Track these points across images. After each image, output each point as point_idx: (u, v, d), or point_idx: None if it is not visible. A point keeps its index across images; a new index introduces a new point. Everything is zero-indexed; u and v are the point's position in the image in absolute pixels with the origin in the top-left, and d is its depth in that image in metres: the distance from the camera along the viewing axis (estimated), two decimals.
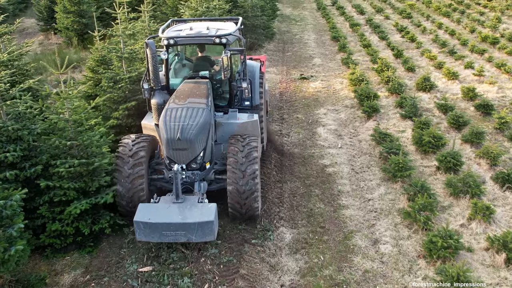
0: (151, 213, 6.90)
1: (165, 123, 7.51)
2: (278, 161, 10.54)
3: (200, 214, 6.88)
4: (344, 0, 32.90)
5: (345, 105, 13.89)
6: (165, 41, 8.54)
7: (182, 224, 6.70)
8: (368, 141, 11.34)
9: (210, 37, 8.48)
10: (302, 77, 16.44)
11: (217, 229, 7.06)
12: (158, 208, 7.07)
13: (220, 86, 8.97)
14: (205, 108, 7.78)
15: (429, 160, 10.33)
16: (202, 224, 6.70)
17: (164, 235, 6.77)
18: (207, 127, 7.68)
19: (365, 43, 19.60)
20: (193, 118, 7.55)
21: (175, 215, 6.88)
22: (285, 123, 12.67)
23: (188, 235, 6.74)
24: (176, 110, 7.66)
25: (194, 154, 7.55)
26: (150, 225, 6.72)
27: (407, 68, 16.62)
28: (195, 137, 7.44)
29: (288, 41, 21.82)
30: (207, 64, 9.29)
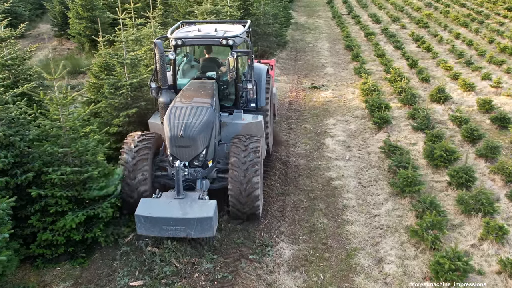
0: (152, 208, 7.05)
1: (169, 121, 7.65)
2: (282, 173, 10.20)
3: (199, 210, 7.02)
4: (360, 9, 32.51)
5: (355, 115, 13.49)
6: (173, 42, 8.70)
7: (182, 219, 6.85)
8: (377, 154, 10.93)
9: (217, 38, 8.63)
10: (313, 86, 16.10)
11: (216, 226, 7.15)
12: (159, 203, 7.24)
13: (226, 87, 9.11)
14: (209, 107, 7.91)
15: (441, 175, 9.87)
16: (201, 220, 6.83)
17: (164, 229, 6.91)
18: (210, 126, 7.80)
19: (379, 52, 19.19)
20: (197, 116, 7.69)
21: (175, 210, 7.03)
22: (293, 133, 12.34)
23: (188, 230, 6.86)
24: (180, 108, 7.81)
25: (196, 152, 7.69)
26: (150, 219, 6.88)
27: (422, 78, 16.15)
28: (198, 135, 7.56)
29: (301, 50, 21.52)
30: (214, 65, 9.38)
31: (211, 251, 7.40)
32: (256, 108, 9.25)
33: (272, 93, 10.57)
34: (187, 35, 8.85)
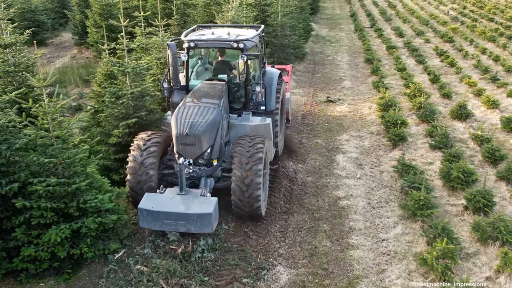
0: (155, 202, 7.30)
1: (176, 119, 7.89)
2: (288, 190, 9.71)
3: (200, 206, 7.21)
4: (384, 22, 31.85)
5: (370, 131, 12.90)
6: (186, 44, 8.99)
7: (182, 214, 7.07)
8: (390, 173, 10.32)
9: (228, 41, 8.85)
10: (329, 100, 15.58)
11: (216, 223, 7.34)
12: (162, 198, 7.47)
13: (238, 89, 9.27)
14: (215, 107, 8.10)
15: (457, 198, 9.20)
16: (201, 216, 7.02)
17: (165, 223, 7.16)
18: (216, 126, 7.97)
19: (400, 66, 18.54)
20: (203, 116, 7.89)
21: (176, 205, 7.24)
22: (303, 148, 11.83)
23: (188, 225, 7.08)
24: (188, 108, 8.06)
25: (201, 150, 7.86)
26: (152, 213, 7.13)
27: (443, 94, 15.45)
28: (203, 134, 7.73)
29: (319, 62, 21.05)
30: (225, 68, 9.56)
31: (202, 272, 6.97)
32: (265, 111, 9.39)
33: (284, 98, 10.72)
34: (200, 38, 9.07)
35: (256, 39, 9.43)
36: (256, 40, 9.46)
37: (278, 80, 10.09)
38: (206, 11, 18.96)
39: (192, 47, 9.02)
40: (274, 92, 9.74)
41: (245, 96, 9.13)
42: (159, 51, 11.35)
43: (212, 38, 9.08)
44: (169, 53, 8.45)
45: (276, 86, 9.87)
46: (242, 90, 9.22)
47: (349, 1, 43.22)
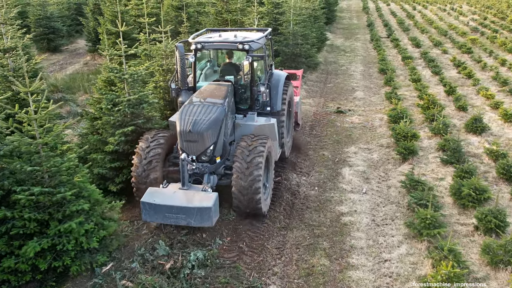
0: (157, 196, 7.48)
1: (180, 117, 8.09)
2: (289, 204, 9.30)
3: (200, 200, 7.34)
4: (401, 33, 31.30)
5: (380, 144, 12.42)
6: (193, 46, 9.18)
7: (183, 208, 7.22)
8: (398, 188, 9.83)
9: (234, 43, 8.98)
10: (339, 111, 15.15)
11: (216, 217, 7.47)
12: (164, 192, 7.64)
13: (244, 91, 9.42)
14: (219, 106, 8.27)
15: (468, 216, 8.66)
16: (201, 210, 7.16)
17: (166, 217, 7.32)
18: (219, 124, 8.13)
19: (414, 77, 18.00)
20: (206, 114, 8.10)
21: (178, 199, 7.39)
22: (308, 160, 11.42)
23: (188, 219, 7.23)
24: (192, 106, 8.25)
25: (204, 147, 8.02)
26: (154, 206, 7.32)
27: (458, 106, 14.87)
28: (206, 131, 7.90)
29: (332, 72, 20.63)
30: (232, 70, 9.69)
31: None
32: (270, 111, 9.53)
33: (292, 100, 11.00)
34: (206, 40, 9.28)
35: (262, 41, 9.53)
36: (262, 42, 9.56)
37: (285, 82, 10.20)
38: (217, 18, 18.78)
39: (199, 48, 9.18)
40: (280, 93, 9.85)
41: (251, 97, 9.28)
42: (162, 58, 11.11)
43: (218, 40, 9.26)
44: (177, 54, 8.65)
45: (283, 87, 9.98)
46: (248, 91, 9.34)
47: (367, 11, 42.78)
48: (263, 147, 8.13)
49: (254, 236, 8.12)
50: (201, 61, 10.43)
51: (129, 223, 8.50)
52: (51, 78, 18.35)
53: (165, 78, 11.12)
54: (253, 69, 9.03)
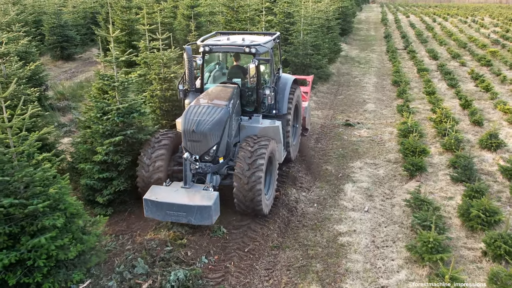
0: (159, 194, 7.68)
1: (185, 117, 8.23)
2: (284, 221, 8.77)
3: (201, 198, 7.50)
4: (419, 44, 30.57)
5: (387, 159, 11.80)
6: (201, 48, 9.33)
7: (183, 206, 7.38)
8: (402, 207, 9.22)
9: (241, 46, 9.17)
10: (347, 123, 14.58)
11: (216, 216, 7.57)
12: (167, 190, 7.81)
13: (251, 93, 9.49)
14: (223, 107, 8.38)
15: (476, 240, 8.00)
16: (201, 208, 7.29)
17: (168, 214, 7.50)
18: (222, 124, 8.23)
19: (429, 89, 17.31)
20: (210, 115, 8.20)
21: (179, 197, 7.56)
22: (310, 175, 10.88)
23: (189, 217, 7.38)
24: (197, 107, 8.40)
25: (207, 147, 8.15)
26: (156, 203, 7.50)
27: (474, 121, 14.15)
28: (209, 131, 8.03)
29: (344, 84, 20.08)
30: (240, 72, 9.82)
31: None
32: (276, 114, 9.68)
33: (299, 105, 11.14)
34: (214, 43, 9.46)
35: (269, 45, 9.67)
36: (269, 45, 9.68)
37: (292, 85, 10.32)
38: (226, 27, 18.50)
39: (207, 51, 9.35)
40: (287, 96, 9.98)
41: (257, 99, 9.37)
42: (159, 66, 10.77)
43: (225, 43, 9.46)
44: (185, 56, 8.87)
45: (289, 91, 10.10)
46: (255, 94, 9.42)
47: (385, 23, 42.14)
48: (265, 149, 8.20)
49: (243, 255, 7.62)
50: (210, 63, 10.59)
51: (114, 238, 8.11)
52: (58, 86, 18.28)
53: (162, 87, 10.79)
54: (259, 72, 9.11)
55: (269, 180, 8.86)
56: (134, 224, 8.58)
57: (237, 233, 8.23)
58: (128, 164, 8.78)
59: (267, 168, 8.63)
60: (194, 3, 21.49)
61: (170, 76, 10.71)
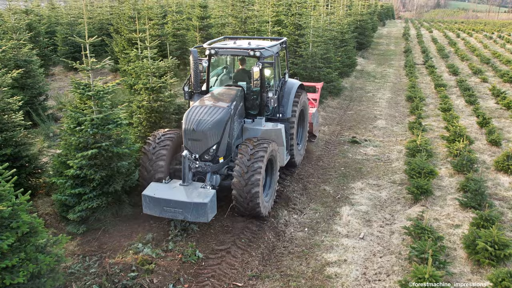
0: (157, 190, 7.80)
1: (186, 117, 8.35)
2: (268, 247, 7.97)
3: (197, 196, 7.59)
4: (440, 59, 29.45)
5: (392, 180, 10.89)
6: (207, 51, 9.55)
7: (180, 202, 7.45)
8: (402, 235, 8.30)
9: (245, 49, 9.27)
10: (353, 140, 13.71)
11: (212, 214, 7.60)
12: (165, 187, 7.95)
13: (256, 97, 9.51)
14: (224, 108, 8.50)
15: (483, 277, 7.02)
16: (197, 205, 7.36)
17: (165, 210, 7.57)
18: (222, 125, 8.33)
19: (445, 106, 16.30)
20: (211, 115, 8.32)
21: (176, 194, 7.67)
22: (305, 196, 10.06)
23: (185, 213, 7.45)
24: (199, 107, 8.53)
25: (206, 146, 8.28)
26: (154, 199, 7.61)
27: (491, 140, 13.10)
28: (209, 131, 8.15)
29: (356, 99, 19.21)
30: (245, 76, 9.95)
31: None
32: (278, 117, 9.89)
33: (306, 110, 11.25)
34: (220, 46, 9.59)
35: (274, 49, 9.76)
36: (275, 50, 9.78)
37: (298, 90, 10.49)
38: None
39: (212, 54, 9.55)
40: (292, 101, 10.13)
41: (260, 102, 9.42)
42: (147, 76, 10.20)
43: (231, 47, 9.57)
44: (191, 59, 8.98)
45: (294, 95, 10.24)
46: (259, 97, 9.44)
47: (406, 37, 41.09)
48: (264, 152, 8.21)
49: (217, 284, 6.85)
50: (217, 67, 10.75)
51: (81, 259, 7.45)
52: (62, 96, 17.99)
53: (149, 98, 10.20)
54: (263, 75, 9.14)
55: (269, 182, 8.95)
56: (107, 244, 7.92)
57: (214, 259, 7.47)
58: (103, 180, 8.18)
59: (267, 170, 8.80)
60: (204, 14, 21.12)
61: (157, 86, 10.11)
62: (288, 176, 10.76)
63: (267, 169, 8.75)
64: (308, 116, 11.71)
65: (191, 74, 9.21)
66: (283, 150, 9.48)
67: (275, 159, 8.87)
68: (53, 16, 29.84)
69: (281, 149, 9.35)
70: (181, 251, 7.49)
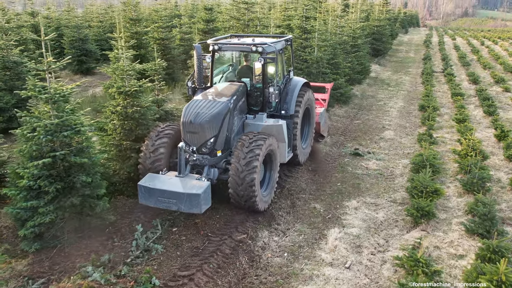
0: (153, 181, 7.84)
1: (185, 110, 8.48)
2: (239, 274, 6.99)
3: (191, 187, 7.59)
4: (460, 67, 27.96)
5: (393, 199, 9.76)
6: (210, 47, 9.61)
7: (174, 193, 7.48)
8: (395, 265, 7.18)
9: (248, 45, 9.32)
10: (356, 153, 12.60)
11: (206, 206, 7.59)
12: (161, 178, 7.96)
13: (260, 93, 9.60)
14: (223, 102, 8.60)
15: None
16: (190, 196, 7.37)
17: (159, 200, 7.61)
18: (220, 118, 8.39)
19: (460, 117, 15.01)
20: (210, 108, 8.42)
21: (171, 185, 7.68)
22: (292, 214, 9.04)
23: (179, 204, 7.47)
24: (199, 101, 8.66)
25: (204, 139, 8.35)
26: (149, 189, 7.65)
27: (509, 156, 11.81)
28: (206, 123, 8.22)
29: (365, 107, 18.05)
30: (249, 72, 10.00)
31: None
32: (281, 114, 9.93)
33: (312, 108, 11.30)
34: (223, 42, 9.73)
35: (278, 46, 9.84)
36: (278, 46, 9.85)
37: (303, 88, 10.51)
38: None
39: (216, 49, 9.64)
40: (295, 97, 10.12)
41: (262, 98, 9.54)
42: (123, 79, 9.36)
43: (234, 42, 9.73)
44: (195, 54, 9.11)
45: (298, 92, 10.23)
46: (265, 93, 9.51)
47: (427, 45, 39.54)
48: (260, 149, 8.14)
49: None
50: (224, 64, 10.72)
51: (25, 282, 6.62)
52: None
53: (124, 103, 9.36)
54: (265, 71, 9.26)
55: (269, 177, 9.00)
56: (59, 265, 7.10)
57: (173, 287, 6.52)
58: (59, 192, 7.35)
59: (267, 165, 8.90)
60: (210, 17, 20.33)
61: (132, 90, 9.26)
62: (278, 190, 9.77)
63: (266, 163, 8.85)
64: (315, 115, 11.73)
65: (195, 70, 9.33)
66: (285, 146, 9.50)
67: (275, 154, 8.86)
68: (62, 19, 29.56)
69: (282, 145, 9.39)
70: (135, 277, 6.58)
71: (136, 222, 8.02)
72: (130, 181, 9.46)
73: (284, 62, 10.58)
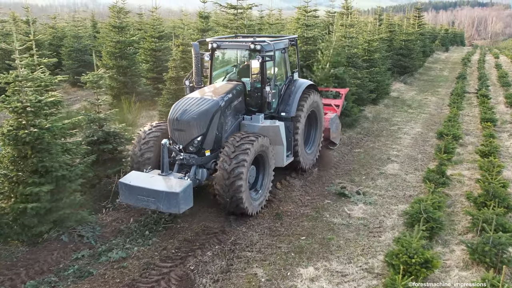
0: (134, 178, 7.67)
1: (173, 107, 8.36)
2: None
3: (171, 185, 7.36)
4: (498, 88, 24.52)
5: (369, 266, 7.04)
6: (209, 45, 9.48)
7: (152, 191, 7.26)
8: None
9: (246, 42, 9.15)
10: (342, 192, 9.91)
11: (185, 206, 7.30)
12: (143, 176, 7.78)
13: (260, 94, 9.26)
14: (213, 100, 8.40)
15: None
16: (169, 194, 7.15)
17: (139, 199, 7.42)
18: (209, 116, 8.19)
19: (485, 149, 12.00)
20: (198, 106, 8.24)
21: (151, 183, 7.46)
22: (221, 283, 6.49)
23: (157, 203, 7.25)
24: (188, 99, 8.52)
25: (190, 137, 8.15)
26: (129, 187, 7.49)
27: None
28: (193, 121, 8.03)
29: (373, 132, 15.26)
30: (248, 72, 9.42)
31: None
32: (280, 115, 9.62)
33: (318, 112, 10.89)
34: (222, 40, 9.59)
35: (280, 45, 9.63)
36: (279, 46, 9.61)
37: (306, 90, 10.15)
38: None
39: (214, 48, 9.50)
40: (297, 99, 9.81)
41: (261, 98, 9.26)
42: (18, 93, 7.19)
43: (233, 40, 9.72)
44: (193, 53, 9.05)
45: (302, 95, 9.91)
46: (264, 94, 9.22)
47: (465, 63, 35.99)
48: (251, 144, 7.92)
49: None
50: (228, 65, 10.34)
51: None
52: None
53: (20, 124, 7.20)
54: (264, 70, 8.97)
55: (261, 180, 8.69)
56: None
57: None
58: None
59: (259, 167, 8.60)
60: (205, 27, 18.23)
61: (29, 106, 7.09)
62: (216, 245, 7.32)
63: (259, 165, 8.56)
64: (323, 120, 11.31)
65: (193, 68, 9.25)
66: (283, 149, 9.18)
67: (267, 155, 8.57)
68: (69, 28, 28.36)
69: (279, 148, 9.10)
70: None
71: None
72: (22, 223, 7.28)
73: (287, 63, 10.22)
